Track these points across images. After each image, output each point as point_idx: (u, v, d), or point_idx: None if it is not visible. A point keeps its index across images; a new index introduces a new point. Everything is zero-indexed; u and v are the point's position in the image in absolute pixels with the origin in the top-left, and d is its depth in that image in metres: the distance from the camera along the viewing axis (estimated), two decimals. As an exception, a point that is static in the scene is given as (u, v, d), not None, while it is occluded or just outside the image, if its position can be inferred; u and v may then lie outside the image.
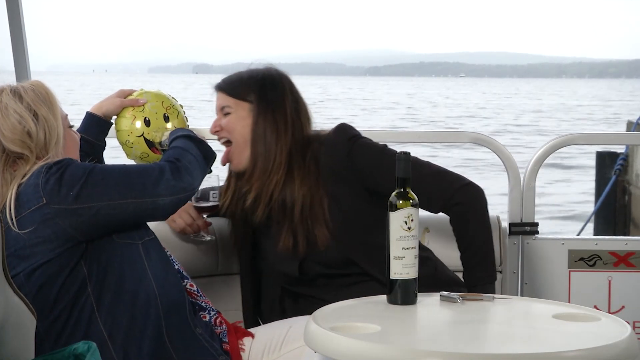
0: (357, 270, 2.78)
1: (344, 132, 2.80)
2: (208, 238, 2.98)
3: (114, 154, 3.07)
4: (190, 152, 2.57)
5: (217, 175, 2.89)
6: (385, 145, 2.83)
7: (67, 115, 2.58)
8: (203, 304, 2.66)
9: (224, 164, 2.90)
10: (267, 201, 2.78)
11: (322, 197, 2.75)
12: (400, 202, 2.29)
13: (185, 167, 2.51)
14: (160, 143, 2.87)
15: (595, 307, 3.27)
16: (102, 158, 2.93)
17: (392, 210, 2.29)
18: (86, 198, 2.35)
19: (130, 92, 2.92)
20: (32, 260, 2.33)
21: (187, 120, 3.00)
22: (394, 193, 2.31)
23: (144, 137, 2.85)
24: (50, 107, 2.49)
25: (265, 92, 2.80)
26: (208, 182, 2.84)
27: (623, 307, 3.37)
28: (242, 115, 2.81)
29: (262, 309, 2.95)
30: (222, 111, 2.85)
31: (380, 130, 3.30)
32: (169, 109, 2.89)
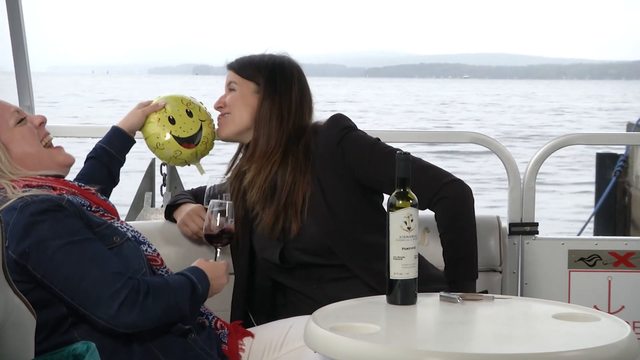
0: (336, 261, 2.78)
1: (338, 122, 2.84)
2: None
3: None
4: (175, 297, 2.35)
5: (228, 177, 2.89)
6: (378, 139, 2.85)
7: (14, 110, 2.49)
8: (202, 309, 2.64)
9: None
10: (262, 182, 2.83)
11: (305, 185, 2.79)
12: (400, 202, 2.29)
13: (144, 306, 2.27)
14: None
15: (595, 307, 3.27)
16: (118, 174, 2.94)
17: (392, 210, 2.29)
18: (32, 262, 2.26)
19: (149, 102, 2.99)
20: None
21: (210, 115, 3.04)
22: (393, 193, 2.31)
23: (173, 135, 2.91)
24: None
25: (274, 77, 2.87)
26: (219, 181, 2.81)
27: (623, 307, 3.37)
28: (245, 94, 2.88)
29: (254, 305, 2.95)
30: (228, 87, 2.92)
31: (380, 130, 3.30)
32: (189, 105, 2.99)
